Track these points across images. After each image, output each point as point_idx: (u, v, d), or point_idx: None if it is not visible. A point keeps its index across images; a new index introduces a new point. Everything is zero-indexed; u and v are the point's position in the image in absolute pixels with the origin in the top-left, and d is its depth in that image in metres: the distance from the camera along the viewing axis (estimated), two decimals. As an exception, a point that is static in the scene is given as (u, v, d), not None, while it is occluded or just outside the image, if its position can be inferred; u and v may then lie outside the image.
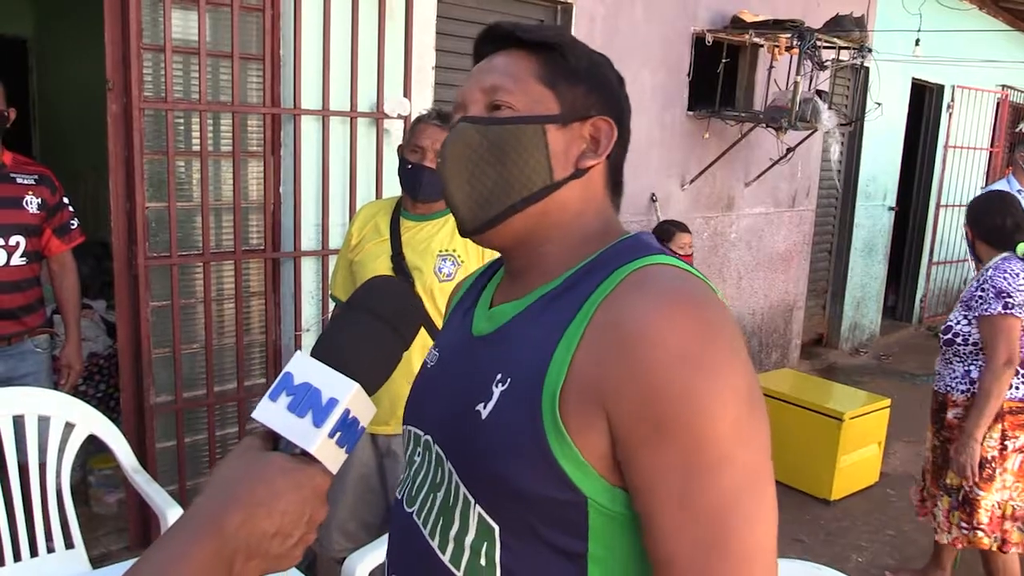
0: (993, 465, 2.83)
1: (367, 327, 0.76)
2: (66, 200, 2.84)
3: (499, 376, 0.86)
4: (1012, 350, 2.75)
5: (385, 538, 1.99)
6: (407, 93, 3.36)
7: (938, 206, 7.66)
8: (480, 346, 0.93)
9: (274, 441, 0.72)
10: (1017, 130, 8.58)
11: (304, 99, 3.11)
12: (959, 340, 2.89)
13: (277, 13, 3.06)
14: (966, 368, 2.90)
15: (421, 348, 1.16)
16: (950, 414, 2.95)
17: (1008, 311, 2.75)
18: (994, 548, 2.89)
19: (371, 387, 0.74)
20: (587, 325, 0.81)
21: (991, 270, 2.84)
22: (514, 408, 0.83)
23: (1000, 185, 5.62)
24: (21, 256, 2.70)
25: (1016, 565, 2.96)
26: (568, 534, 0.82)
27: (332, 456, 0.72)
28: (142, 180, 2.86)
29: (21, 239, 2.69)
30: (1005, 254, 2.88)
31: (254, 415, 0.72)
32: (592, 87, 0.93)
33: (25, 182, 2.71)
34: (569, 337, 0.82)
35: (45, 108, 6.40)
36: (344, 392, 0.72)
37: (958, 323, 2.91)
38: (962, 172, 7.81)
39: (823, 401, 4.11)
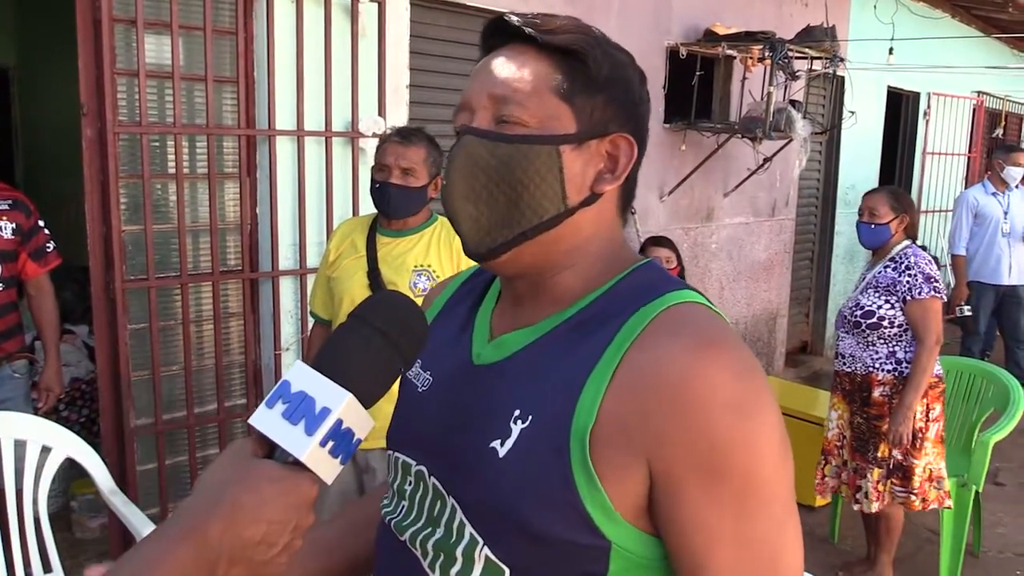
0: (920, 435, 3.05)
1: (367, 340, 0.76)
2: (42, 223, 2.85)
3: (517, 412, 0.81)
4: (939, 328, 3.03)
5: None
6: (382, 112, 3.39)
7: (918, 212, 7.73)
8: (486, 376, 0.87)
9: (269, 448, 0.73)
10: (993, 135, 8.68)
11: (279, 120, 3.14)
12: (885, 323, 3.07)
13: (250, 35, 3.10)
14: (891, 349, 3.09)
15: None
16: (876, 392, 3.11)
17: (937, 294, 3.02)
18: (920, 508, 3.10)
19: (366, 399, 0.74)
20: (617, 367, 0.78)
21: (912, 257, 3.07)
22: (537, 448, 0.79)
23: (975, 190, 5.69)
24: (-3, 282, 2.71)
25: (901, 516, 3.25)
26: None
27: (324, 465, 0.72)
28: (118, 204, 2.88)
29: (-3, 265, 2.70)
30: (908, 241, 3.14)
31: (250, 420, 0.72)
32: (612, 97, 0.85)
33: (-1, 208, 2.72)
34: (597, 378, 0.78)
35: (28, 136, 6.41)
36: (337, 402, 0.71)
37: (880, 308, 3.08)
38: (941, 178, 7.89)
39: (807, 408, 4.14)
